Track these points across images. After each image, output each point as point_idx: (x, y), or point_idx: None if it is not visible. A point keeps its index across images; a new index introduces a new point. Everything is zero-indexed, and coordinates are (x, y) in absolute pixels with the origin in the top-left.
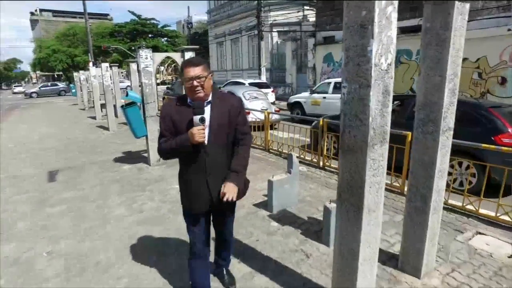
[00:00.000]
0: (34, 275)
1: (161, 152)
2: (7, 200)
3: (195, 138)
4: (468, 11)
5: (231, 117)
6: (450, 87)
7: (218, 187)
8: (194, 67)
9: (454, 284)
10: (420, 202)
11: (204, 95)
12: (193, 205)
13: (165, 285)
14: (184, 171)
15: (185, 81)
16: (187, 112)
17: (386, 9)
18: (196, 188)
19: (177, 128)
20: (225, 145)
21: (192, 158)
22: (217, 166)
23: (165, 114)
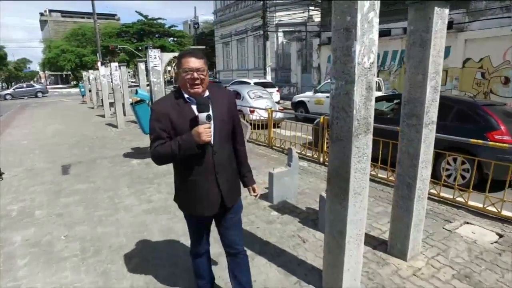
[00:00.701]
0: (54, 255)
1: (157, 157)
2: (25, 191)
3: (202, 138)
4: (447, 15)
5: (230, 111)
6: (432, 85)
7: (227, 185)
8: (196, 59)
9: (437, 266)
10: (406, 191)
11: (202, 90)
12: (200, 209)
13: (172, 265)
14: (186, 173)
15: (183, 71)
16: (187, 109)
17: (368, 15)
18: (204, 189)
19: (176, 128)
20: (227, 140)
21: (197, 158)
22: (224, 163)
23: (161, 112)
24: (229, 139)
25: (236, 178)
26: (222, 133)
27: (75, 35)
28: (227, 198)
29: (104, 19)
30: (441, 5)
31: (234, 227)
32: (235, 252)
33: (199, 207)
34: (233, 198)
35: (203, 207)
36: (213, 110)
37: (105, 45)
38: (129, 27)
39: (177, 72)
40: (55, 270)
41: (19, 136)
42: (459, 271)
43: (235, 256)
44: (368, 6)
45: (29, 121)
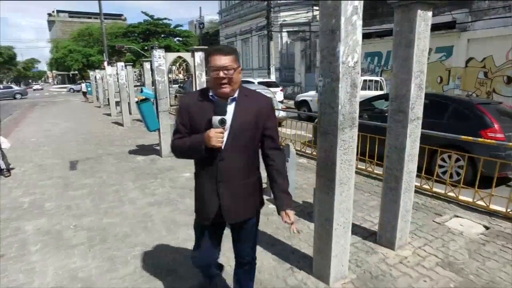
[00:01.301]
0: (63, 243)
1: (174, 150)
2: (35, 184)
3: (211, 142)
4: (431, 17)
5: (258, 119)
6: (416, 82)
7: (230, 198)
8: (223, 56)
9: (423, 255)
10: (393, 183)
11: (230, 90)
12: (200, 213)
13: (174, 252)
14: (198, 174)
15: (210, 70)
16: (208, 107)
17: (351, 18)
18: (206, 195)
19: (194, 125)
20: (244, 150)
21: (206, 161)
22: (231, 173)
23: (183, 106)
24: (249, 149)
25: (250, 194)
26: (237, 140)
27: (82, 35)
28: (227, 212)
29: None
30: (423, 7)
31: (246, 240)
32: (244, 262)
33: (199, 213)
34: (237, 214)
35: (201, 213)
36: (234, 112)
37: (112, 45)
38: (135, 27)
39: (207, 68)
40: (64, 256)
41: (28, 134)
42: (443, 260)
43: (244, 264)
44: (351, 10)
45: (37, 119)
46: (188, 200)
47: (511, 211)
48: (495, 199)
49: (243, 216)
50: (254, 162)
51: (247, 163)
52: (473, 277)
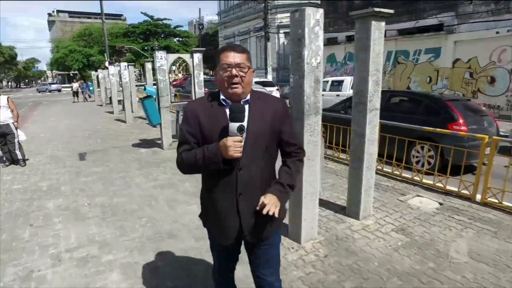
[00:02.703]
0: (80, 216)
1: (181, 164)
2: (50, 172)
3: (229, 153)
4: (384, 27)
5: (273, 122)
6: (373, 79)
7: (251, 212)
8: (236, 53)
9: (382, 223)
10: (357, 163)
11: (242, 92)
12: (217, 232)
13: (174, 222)
14: (210, 187)
15: (221, 68)
16: (221, 113)
17: (314, 28)
18: (223, 210)
19: (205, 133)
20: (263, 157)
21: (222, 172)
22: (251, 184)
23: (191, 112)
24: (268, 155)
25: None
26: (255, 148)
27: (82, 35)
28: (248, 229)
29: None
30: (377, 19)
31: (266, 264)
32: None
33: (216, 231)
34: (259, 232)
35: (219, 232)
36: (249, 117)
37: (112, 45)
38: (135, 27)
39: (215, 72)
40: (83, 225)
41: (37, 130)
42: (398, 226)
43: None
44: (313, 22)
45: (43, 117)
46: (187, 184)
47: (461, 190)
48: (454, 182)
49: (266, 233)
50: (273, 170)
51: (267, 171)
52: (418, 238)
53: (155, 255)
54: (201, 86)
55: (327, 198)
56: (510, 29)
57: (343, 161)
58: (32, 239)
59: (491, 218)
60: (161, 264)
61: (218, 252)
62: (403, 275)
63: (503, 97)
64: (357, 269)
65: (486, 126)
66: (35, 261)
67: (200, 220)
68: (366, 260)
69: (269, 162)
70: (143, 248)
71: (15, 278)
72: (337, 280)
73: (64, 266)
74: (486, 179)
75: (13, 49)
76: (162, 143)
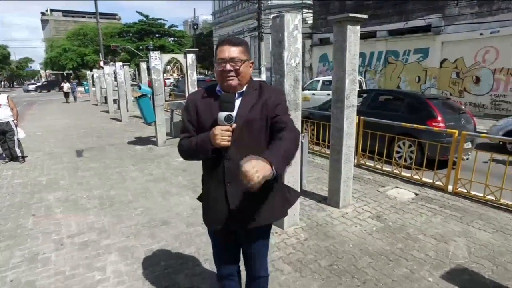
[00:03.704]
0: (80, 207)
1: (181, 151)
2: (49, 168)
3: (216, 141)
4: (359, 30)
5: (264, 110)
6: (350, 78)
7: (240, 200)
8: (231, 47)
9: (360, 211)
10: (336, 156)
11: (238, 84)
12: (209, 220)
13: (168, 211)
14: (205, 174)
15: (217, 63)
16: (215, 104)
17: (293, 32)
18: (214, 199)
19: (201, 123)
20: (251, 146)
21: (212, 161)
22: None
23: (190, 102)
24: (257, 144)
25: (263, 197)
26: (243, 136)
27: (76, 34)
28: (237, 216)
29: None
30: (352, 23)
31: (256, 256)
32: (255, 277)
33: (208, 218)
34: (250, 219)
35: (211, 218)
36: (238, 110)
37: (107, 45)
38: (130, 27)
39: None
40: (82, 214)
41: (33, 128)
42: (374, 214)
43: (254, 280)
44: (292, 27)
45: (38, 116)
46: (180, 178)
47: (435, 182)
48: (430, 175)
49: (255, 222)
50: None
51: None
52: (391, 223)
53: (150, 240)
54: (194, 86)
55: (311, 189)
56: (493, 31)
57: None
58: (35, 227)
59: (459, 205)
60: (155, 247)
61: (214, 239)
62: (373, 255)
63: (488, 97)
64: (333, 250)
65: (463, 123)
66: (39, 245)
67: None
68: (342, 242)
69: (258, 151)
70: (138, 233)
71: (22, 260)
72: (314, 259)
73: (66, 249)
74: (457, 171)
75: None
76: (156, 140)
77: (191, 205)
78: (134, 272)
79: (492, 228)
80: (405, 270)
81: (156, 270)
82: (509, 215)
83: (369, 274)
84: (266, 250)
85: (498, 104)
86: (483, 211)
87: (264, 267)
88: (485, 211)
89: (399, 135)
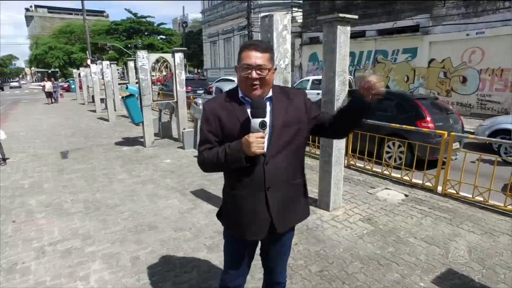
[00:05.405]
0: (64, 211)
1: (203, 164)
2: (32, 170)
3: (252, 149)
4: (349, 31)
5: (298, 113)
6: (340, 80)
7: (280, 205)
8: (258, 53)
9: (350, 214)
10: (327, 157)
11: (261, 93)
12: (244, 231)
13: (155, 215)
14: (234, 185)
15: (241, 68)
16: (240, 110)
17: (282, 33)
18: (251, 208)
19: (225, 132)
20: (288, 149)
21: (246, 169)
22: (278, 176)
23: (211, 112)
24: (294, 146)
25: (297, 198)
26: (280, 140)
27: (63, 32)
28: (279, 221)
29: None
30: (342, 24)
31: (280, 259)
32: (274, 284)
33: (243, 229)
34: (288, 222)
35: (247, 229)
36: (272, 115)
37: (94, 43)
38: (118, 24)
39: (237, 67)
40: (66, 219)
41: (17, 128)
42: (365, 216)
43: (273, 287)
44: (281, 27)
45: (23, 115)
46: (168, 180)
47: (425, 183)
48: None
49: (293, 221)
50: (300, 161)
51: (292, 162)
52: (381, 226)
53: (136, 246)
54: (182, 85)
55: None
56: (479, 31)
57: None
58: (15, 234)
59: (449, 207)
60: (142, 254)
61: (234, 249)
62: (364, 259)
63: (474, 96)
64: (324, 255)
65: (451, 123)
66: (18, 254)
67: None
68: (333, 246)
69: (295, 153)
70: (124, 239)
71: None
72: (304, 265)
73: (48, 258)
74: (446, 172)
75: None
76: (144, 141)
77: (179, 208)
78: (119, 281)
79: (480, 229)
80: (396, 275)
81: (142, 279)
82: (497, 216)
83: (360, 279)
84: (288, 256)
85: (484, 103)
86: (472, 212)
87: (284, 274)
88: (474, 212)
89: (388, 135)
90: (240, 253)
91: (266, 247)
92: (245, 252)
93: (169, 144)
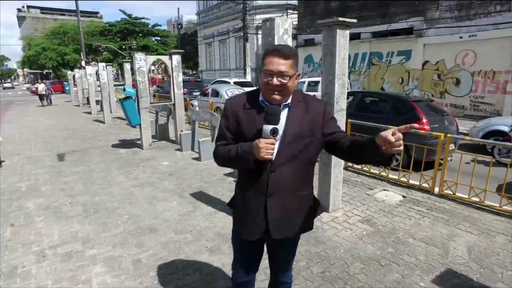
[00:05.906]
0: (62, 214)
1: (217, 158)
2: (29, 173)
3: (260, 154)
4: (348, 34)
5: (313, 126)
6: (339, 83)
7: (280, 212)
8: (281, 59)
9: (350, 215)
10: (326, 159)
11: (281, 98)
12: (243, 229)
13: (155, 217)
14: (243, 183)
15: (264, 72)
16: (258, 114)
17: (283, 36)
18: (252, 209)
19: (242, 131)
20: (298, 159)
21: (253, 172)
22: (282, 185)
23: (230, 109)
24: (303, 158)
25: (301, 210)
26: (290, 149)
27: (56, 33)
28: (274, 228)
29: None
30: (341, 28)
31: (285, 259)
32: (279, 283)
33: (241, 227)
34: (285, 231)
35: (244, 229)
36: (287, 119)
37: (88, 44)
38: (113, 25)
39: (261, 69)
40: (65, 223)
41: (13, 130)
42: (364, 217)
43: (278, 286)
44: (282, 31)
45: (17, 117)
46: (167, 182)
47: (422, 184)
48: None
49: (292, 232)
50: (309, 174)
51: (300, 173)
52: (381, 227)
53: (137, 249)
54: (180, 87)
55: None
56: (471, 34)
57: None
58: (14, 238)
59: (446, 207)
60: (143, 257)
61: (241, 245)
62: (365, 260)
63: (467, 98)
64: (325, 256)
65: (447, 125)
66: (18, 258)
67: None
68: (333, 248)
69: (304, 165)
70: (125, 242)
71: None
72: (306, 266)
73: (49, 261)
74: (443, 173)
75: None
76: (141, 143)
77: (179, 211)
78: (121, 284)
79: (477, 230)
80: (396, 275)
81: (144, 282)
82: (493, 217)
83: (362, 280)
84: (293, 258)
85: (477, 105)
86: (469, 213)
87: (289, 274)
88: (470, 213)
89: None
90: (244, 248)
91: (271, 247)
92: (249, 248)
93: (166, 146)
